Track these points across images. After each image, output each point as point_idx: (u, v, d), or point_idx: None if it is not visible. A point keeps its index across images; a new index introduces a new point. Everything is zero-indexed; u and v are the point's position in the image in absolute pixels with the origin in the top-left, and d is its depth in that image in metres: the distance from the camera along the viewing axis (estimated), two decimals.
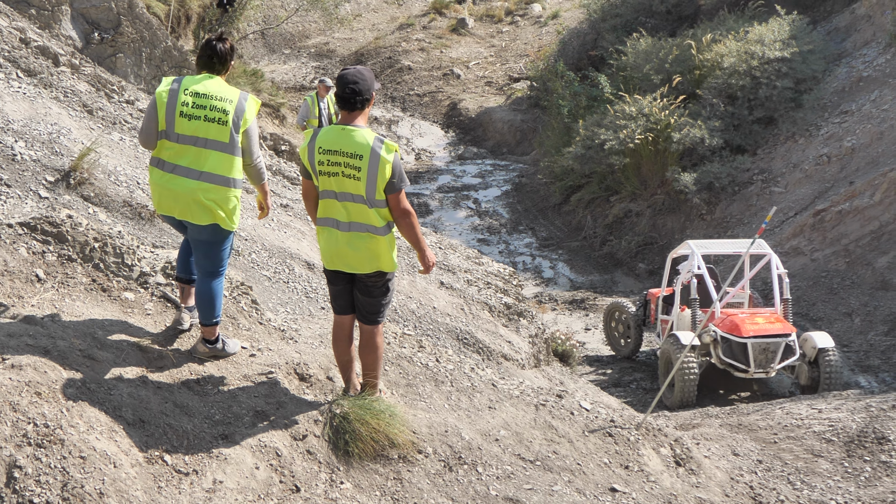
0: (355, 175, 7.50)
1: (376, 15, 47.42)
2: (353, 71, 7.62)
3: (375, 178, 7.49)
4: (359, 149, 7.49)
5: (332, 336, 8.29)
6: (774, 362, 17.09)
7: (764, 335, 17.19)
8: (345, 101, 7.60)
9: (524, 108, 35.98)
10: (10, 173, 9.90)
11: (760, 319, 17.57)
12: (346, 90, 7.55)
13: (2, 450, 6.03)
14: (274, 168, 15.66)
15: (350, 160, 7.49)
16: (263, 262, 11.61)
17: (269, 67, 40.11)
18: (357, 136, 7.53)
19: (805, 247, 21.89)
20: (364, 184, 7.50)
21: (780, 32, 26.38)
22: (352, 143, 7.51)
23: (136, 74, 20.38)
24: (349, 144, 7.51)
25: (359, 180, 7.51)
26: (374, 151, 7.49)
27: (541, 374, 13.88)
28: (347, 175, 7.53)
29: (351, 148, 7.50)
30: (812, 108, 25.48)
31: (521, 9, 45.42)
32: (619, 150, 26.04)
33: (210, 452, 7.01)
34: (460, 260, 15.41)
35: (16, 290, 8.07)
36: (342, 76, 7.60)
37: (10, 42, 12.85)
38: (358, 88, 7.54)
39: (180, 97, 7.66)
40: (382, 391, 8.53)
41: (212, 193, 7.74)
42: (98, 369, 7.27)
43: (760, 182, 24.77)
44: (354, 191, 7.55)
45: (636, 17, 32.98)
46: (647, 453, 9.78)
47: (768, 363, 17.20)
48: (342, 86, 7.57)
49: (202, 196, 7.72)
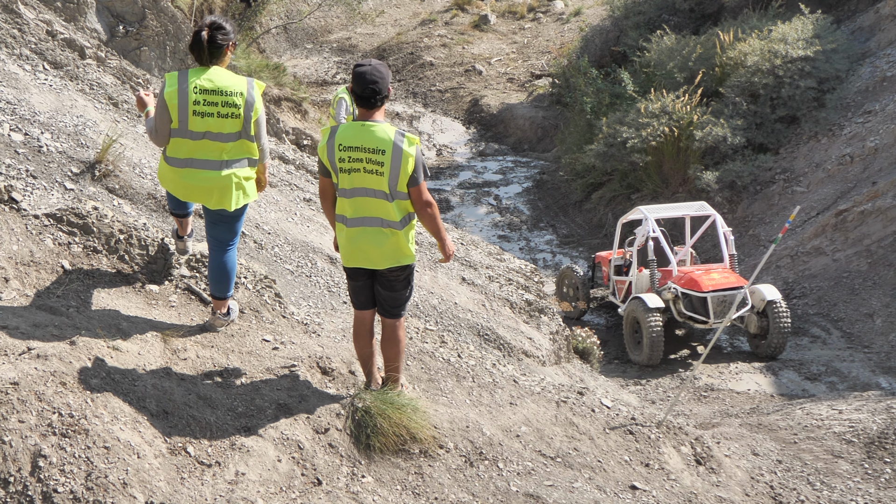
0: (378, 170, 7.51)
1: (399, 10, 47.41)
2: (370, 69, 7.57)
3: (398, 172, 7.50)
4: (381, 144, 7.49)
5: (352, 331, 8.32)
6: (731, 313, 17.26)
7: (721, 289, 19.16)
8: (365, 99, 7.59)
9: (546, 105, 35.95)
10: (36, 165, 9.94)
11: (716, 275, 19.61)
12: (366, 89, 7.53)
13: (27, 439, 6.06)
14: (297, 162, 15.69)
15: (372, 155, 7.49)
16: (286, 255, 11.63)
17: (292, 62, 40.17)
18: (378, 132, 7.53)
19: (827, 247, 21.83)
20: (387, 178, 7.51)
21: (803, 31, 26.29)
22: (373, 139, 7.51)
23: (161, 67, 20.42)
24: (371, 140, 7.51)
25: (381, 175, 7.51)
26: (397, 146, 7.49)
27: (561, 371, 13.88)
28: (369, 171, 7.52)
29: (373, 143, 7.50)
30: (835, 107, 25.39)
31: (543, 5, 45.35)
32: (641, 147, 26.01)
33: (233, 444, 7.04)
34: (482, 256, 15.42)
35: (42, 281, 8.12)
36: (361, 75, 7.55)
37: (36, 34, 12.90)
38: (378, 88, 7.54)
39: (190, 96, 7.68)
40: (404, 385, 8.54)
41: (236, 178, 7.86)
42: (122, 360, 7.30)
43: (783, 181, 24.71)
44: (376, 186, 7.55)
45: (659, 14, 32.90)
46: (668, 451, 9.78)
47: (725, 314, 18.71)
48: (362, 85, 7.53)
49: (227, 182, 7.83)
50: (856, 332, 19.14)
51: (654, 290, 19.79)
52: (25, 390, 6.32)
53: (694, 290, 19.28)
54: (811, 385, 17.46)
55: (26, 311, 7.52)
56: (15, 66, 11.85)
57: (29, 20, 13.05)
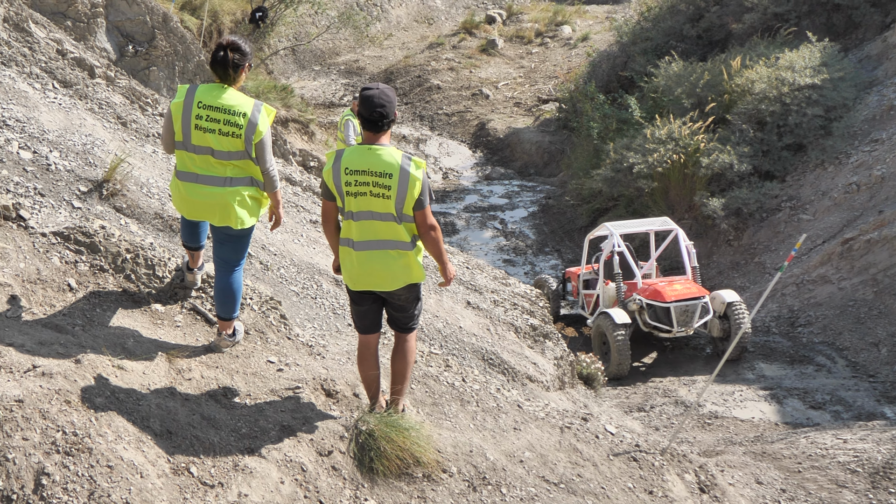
0: (385, 194, 7.51)
1: (406, 33, 47.53)
2: (378, 93, 7.58)
3: (405, 196, 7.51)
4: (388, 168, 7.50)
5: (357, 355, 8.33)
6: (693, 322, 20.15)
7: (683, 299, 20.29)
8: (372, 123, 7.59)
9: (552, 130, 35.99)
10: (44, 183, 9.95)
11: (678, 286, 20.70)
12: (373, 113, 7.54)
13: (30, 457, 6.07)
14: (304, 184, 15.69)
15: (380, 179, 7.49)
16: (292, 277, 11.63)
17: (299, 83, 40.24)
18: (385, 155, 7.54)
19: (833, 275, 21.80)
20: (393, 201, 7.52)
21: (811, 59, 26.33)
22: (380, 163, 7.51)
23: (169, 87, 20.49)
24: (377, 164, 7.51)
25: (388, 199, 7.51)
26: (404, 169, 7.50)
27: (565, 396, 13.85)
28: (376, 194, 7.52)
29: (380, 167, 7.51)
30: (842, 135, 25.40)
31: (550, 30, 45.45)
32: (647, 173, 26.03)
33: (236, 465, 7.03)
34: (487, 280, 15.41)
35: (48, 299, 8.13)
36: (369, 98, 7.55)
37: (47, 53, 12.93)
38: (385, 112, 7.55)
39: (194, 111, 7.76)
40: (407, 407, 8.54)
41: (239, 195, 7.89)
42: (127, 379, 7.31)
43: (789, 209, 24.70)
44: (382, 209, 7.56)
45: (667, 40, 32.97)
46: (672, 479, 9.76)
47: (688, 323, 20.27)
48: (369, 108, 7.53)
49: (230, 199, 7.88)
50: (861, 361, 19.11)
51: (620, 301, 20.87)
52: (30, 408, 6.33)
53: (658, 300, 20.36)
54: (816, 414, 17.41)
55: (32, 328, 7.52)
56: (25, 84, 11.88)
57: (39, 39, 13.09)
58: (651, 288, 20.77)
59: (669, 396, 18.46)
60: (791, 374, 18.96)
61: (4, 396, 6.33)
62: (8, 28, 12.74)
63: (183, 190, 7.99)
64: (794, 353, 19.79)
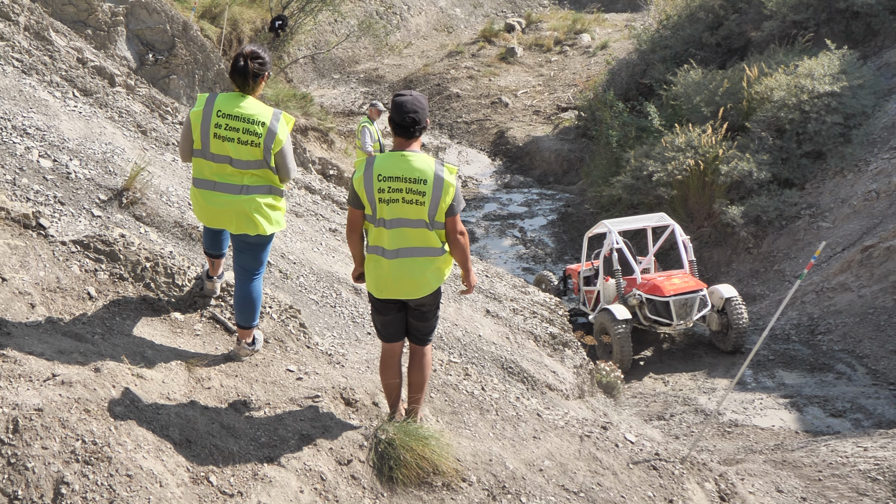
0: (419, 200, 7.47)
1: (426, 42, 47.59)
2: (411, 99, 7.54)
3: (439, 202, 7.48)
4: (422, 174, 7.47)
5: (380, 364, 8.29)
6: (692, 314, 20.85)
7: (682, 293, 20.93)
8: (404, 128, 7.55)
9: (571, 138, 35.98)
10: (64, 191, 9.98)
11: (676, 280, 21.33)
12: (406, 119, 7.49)
13: (50, 466, 6.06)
14: (323, 192, 15.71)
15: (413, 185, 7.46)
16: (311, 285, 11.64)
17: (319, 92, 40.31)
18: (417, 162, 7.51)
19: (852, 283, 21.71)
20: (427, 208, 7.49)
21: (829, 67, 26.26)
22: (413, 169, 7.48)
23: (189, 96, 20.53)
24: (411, 170, 7.48)
25: (422, 205, 7.48)
26: (438, 175, 7.47)
27: (585, 405, 13.83)
28: (409, 201, 7.48)
29: (413, 173, 7.47)
30: (861, 143, 25.32)
31: (570, 38, 45.48)
32: (666, 181, 25.99)
33: (255, 474, 7.02)
34: (506, 288, 15.40)
35: (68, 307, 8.13)
36: (401, 104, 7.52)
37: (67, 61, 12.97)
38: (418, 118, 7.51)
39: (213, 119, 7.77)
40: (426, 416, 8.52)
41: (255, 203, 7.89)
42: (146, 388, 7.31)
43: (808, 217, 24.62)
44: (415, 216, 7.53)
45: (686, 48, 32.97)
46: (692, 487, 9.71)
47: (687, 316, 20.93)
48: (402, 114, 7.50)
49: (246, 207, 7.88)
50: (881, 369, 19.01)
51: (620, 297, 21.51)
52: (49, 417, 6.33)
53: (657, 295, 21.02)
54: (836, 422, 17.32)
55: (52, 337, 7.53)
56: (45, 92, 11.92)
57: (60, 47, 13.14)
58: (650, 283, 21.38)
59: (689, 405, 18.41)
60: (811, 382, 18.89)
61: (24, 405, 6.33)
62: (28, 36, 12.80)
63: (200, 198, 8.00)
64: (815, 361, 19.72)
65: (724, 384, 19.48)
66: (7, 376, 6.62)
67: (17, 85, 11.66)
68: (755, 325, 21.85)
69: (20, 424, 6.19)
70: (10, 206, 8.71)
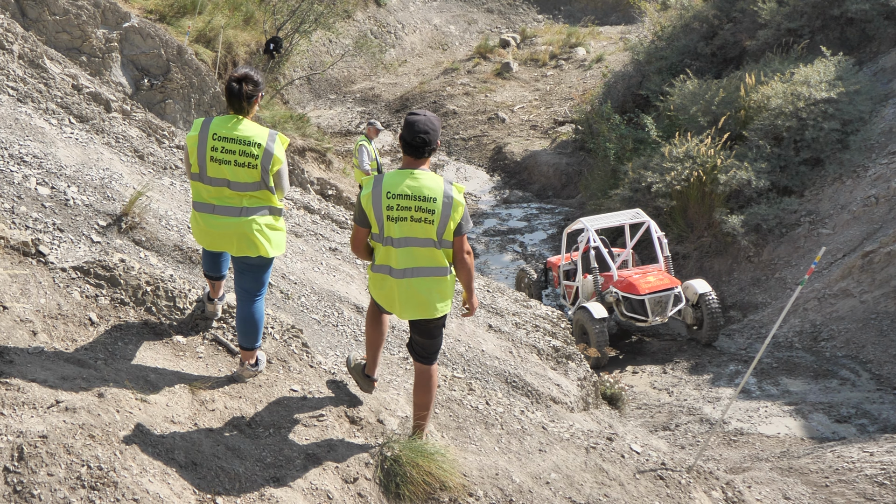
0: (427, 218, 7.48)
1: (421, 60, 47.67)
2: (423, 119, 7.55)
3: (447, 221, 7.49)
4: (431, 192, 7.48)
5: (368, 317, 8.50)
6: (667, 311, 21.88)
7: (657, 290, 21.92)
8: (415, 148, 7.56)
9: (569, 152, 36.00)
10: (62, 218, 9.99)
11: (651, 278, 22.27)
12: (416, 139, 7.50)
13: (56, 492, 6.05)
14: (322, 212, 15.72)
15: (422, 203, 7.46)
16: (313, 305, 11.64)
17: (315, 112, 40.36)
18: (426, 180, 7.52)
19: (854, 288, 21.70)
20: (435, 227, 7.50)
21: (825, 73, 26.29)
22: (423, 187, 7.49)
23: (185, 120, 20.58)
24: (420, 188, 7.48)
25: (431, 223, 7.49)
26: (447, 194, 7.48)
27: (590, 417, 13.81)
28: (417, 219, 7.49)
29: (422, 192, 7.48)
30: (859, 149, 25.32)
31: (565, 53, 45.54)
32: (665, 192, 26.01)
33: (262, 495, 7.01)
34: (508, 303, 15.40)
35: (69, 334, 8.13)
36: (413, 123, 7.52)
37: (62, 88, 13.00)
38: (429, 139, 7.52)
39: (209, 142, 7.77)
40: (430, 433, 8.52)
41: (255, 224, 7.89)
42: (151, 412, 7.30)
43: (808, 224, 24.62)
44: (423, 235, 7.54)
45: (681, 59, 33.00)
46: (699, 497, 9.70)
47: (662, 312, 21.93)
48: (413, 134, 7.51)
49: (247, 229, 7.88)
50: (885, 374, 19.00)
51: (598, 294, 22.44)
52: (54, 443, 6.32)
53: (633, 293, 21.99)
54: (841, 428, 17.30)
55: (54, 363, 7.52)
56: (41, 120, 11.94)
57: (55, 74, 13.16)
58: (626, 280, 22.30)
59: (694, 414, 18.39)
60: (815, 389, 18.88)
61: (29, 432, 6.32)
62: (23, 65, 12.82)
63: (200, 221, 8.01)
64: (818, 368, 19.71)
65: (729, 393, 19.45)
66: (11, 404, 6.61)
67: (12, 113, 11.68)
68: (758, 333, 21.86)
69: (25, 452, 6.18)
70: (10, 234, 8.71)
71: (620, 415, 15.62)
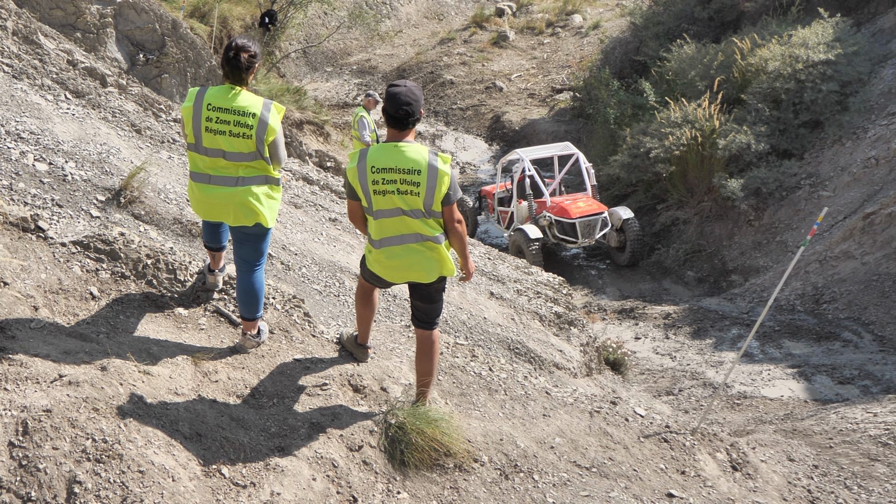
0: (413, 190, 7.47)
1: (417, 30, 47.53)
2: (405, 90, 7.52)
3: (434, 191, 7.47)
4: (415, 164, 7.46)
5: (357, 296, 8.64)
6: (595, 234, 25.01)
7: (586, 215, 24.90)
8: (397, 120, 7.54)
9: (567, 119, 35.94)
10: (61, 193, 9.97)
11: (581, 203, 25.23)
12: (399, 111, 7.48)
13: (61, 466, 6.06)
14: (322, 183, 15.69)
15: (407, 176, 7.45)
16: (314, 276, 11.63)
17: (312, 85, 40.29)
18: (411, 152, 7.50)
19: (855, 250, 21.67)
20: (422, 198, 7.48)
21: (823, 35, 26.17)
22: (407, 160, 7.47)
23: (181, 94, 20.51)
24: (404, 161, 7.47)
25: (417, 195, 7.48)
26: (432, 165, 7.46)
27: (593, 382, 13.82)
28: (404, 192, 7.48)
29: (407, 164, 7.46)
30: (858, 110, 25.23)
31: (561, 20, 45.40)
32: (664, 157, 25.97)
33: (267, 465, 7.02)
34: (509, 270, 15.38)
35: (71, 308, 8.12)
36: (395, 96, 7.50)
37: (57, 64, 12.95)
38: (412, 110, 7.50)
39: (204, 113, 7.73)
40: (434, 400, 8.53)
41: (251, 194, 7.87)
42: (154, 384, 7.30)
43: (808, 186, 24.56)
44: (412, 206, 7.53)
45: (678, 24, 32.89)
46: (704, 458, 9.72)
47: (591, 235, 24.99)
48: (395, 106, 7.48)
49: (243, 198, 7.86)
50: (888, 335, 18.99)
51: (532, 218, 25.46)
52: (58, 417, 6.32)
53: (565, 217, 24.97)
54: (844, 389, 17.30)
55: (56, 338, 7.52)
56: (37, 96, 11.91)
57: (49, 50, 13.12)
58: (558, 206, 25.24)
59: (697, 379, 18.39)
60: (818, 351, 18.87)
61: (32, 407, 6.32)
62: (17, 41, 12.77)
63: (197, 191, 7.99)
64: (821, 330, 19.70)
65: (732, 357, 19.45)
66: (14, 379, 6.61)
67: (8, 90, 11.65)
68: (759, 296, 21.85)
69: (29, 426, 6.18)
70: (8, 210, 8.69)
71: (623, 380, 15.63)
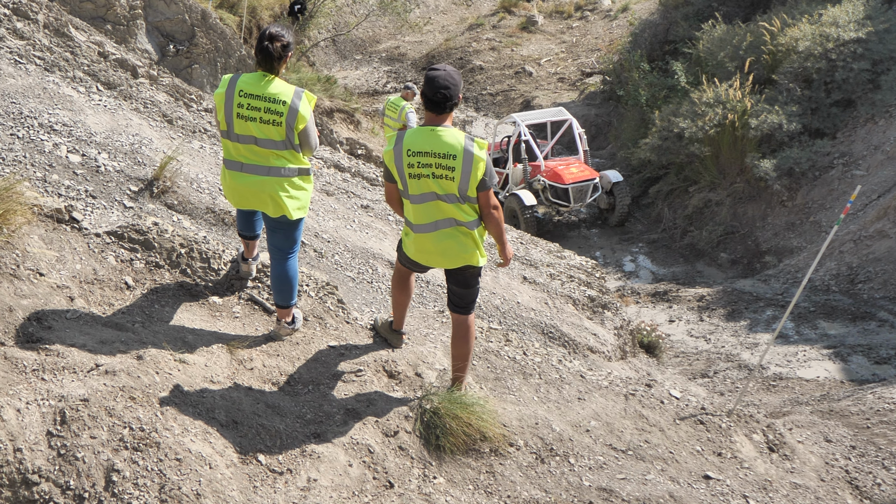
0: (448, 175, 7.46)
1: (445, 17, 47.47)
2: (444, 74, 7.49)
3: (469, 176, 7.45)
4: (451, 149, 7.44)
5: (394, 281, 8.69)
6: (586, 198, 26.32)
7: (579, 181, 26.11)
8: (435, 104, 7.52)
9: (598, 103, 35.84)
10: (94, 185, 10.01)
11: (574, 169, 26.45)
12: (437, 94, 7.46)
13: (99, 454, 6.09)
14: (353, 170, 15.71)
15: (442, 160, 7.44)
16: (347, 262, 11.65)
17: (342, 73, 40.32)
18: (447, 137, 7.48)
19: (890, 229, 21.54)
20: (457, 183, 7.47)
21: (854, 13, 25.96)
22: (443, 144, 7.45)
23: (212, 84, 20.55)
24: (440, 145, 7.46)
25: (452, 180, 7.47)
26: (468, 150, 7.44)
27: (627, 365, 13.80)
28: (439, 175, 7.47)
29: (443, 148, 7.45)
30: (891, 88, 24.99)
31: (590, 3, 45.25)
32: (698, 138, 25.83)
33: (303, 451, 7.04)
34: (542, 254, 15.37)
35: (106, 298, 8.16)
36: (433, 79, 7.47)
37: (89, 56, 13.00)
38: (449, 94, 7.47)
39: (235, 99, 7.74)
40: (469, 384, 8.53)
41: (280, 186, 7.88)
42: (189, 373, 7.33)
43: (841, 166, 24.40)
44: (447, 190, 7.52)
45: (708, 4, 32.69)
46: (740, 440, 9.69)
47: (582, 199, 26.25)
48: (433, 90, 7.46)
49: (272, 189, 7.87)
50: None
51: (527, 181, 26.69)
52: (96, 406, 6.36)
53: (558, 182, 26.15)
54: (881, 369, 17.21)
55: (92, 328, 7.56)
56: (69, 88, 11.96)
57: (81, 43, 13.17)
58: (552, 171, 26.42)
59: (732, 361, 18.33)
60: (854, 331, 18.78)
61: (70, 396, 6.37)
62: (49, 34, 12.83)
63: (229, 179, 8.01)
64: (856, 310, 19.60)
65: (766, 338, 19.37)
66: (51, 369, 6.66)
67: (40, 83, 11.70)
68: (794, 277, 21.76)
69: (67, 416, 6.22)
70: (43, 201, 8.74)
71: (658, 363, 15.60)
